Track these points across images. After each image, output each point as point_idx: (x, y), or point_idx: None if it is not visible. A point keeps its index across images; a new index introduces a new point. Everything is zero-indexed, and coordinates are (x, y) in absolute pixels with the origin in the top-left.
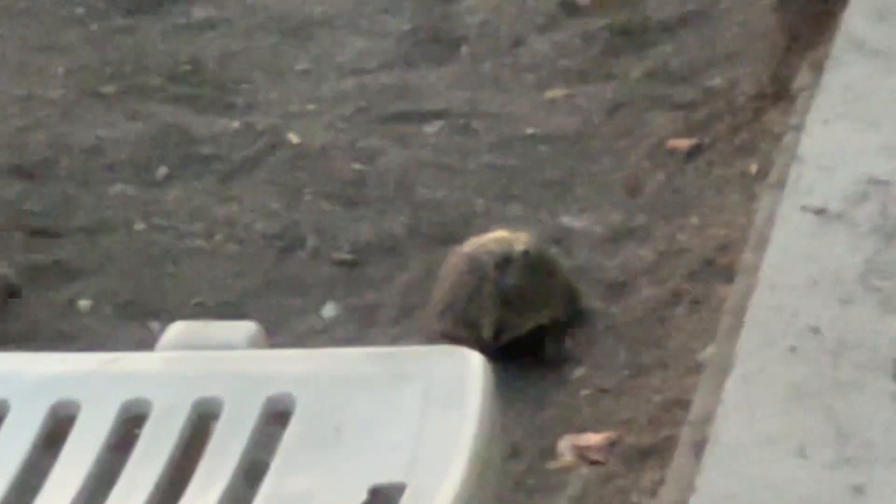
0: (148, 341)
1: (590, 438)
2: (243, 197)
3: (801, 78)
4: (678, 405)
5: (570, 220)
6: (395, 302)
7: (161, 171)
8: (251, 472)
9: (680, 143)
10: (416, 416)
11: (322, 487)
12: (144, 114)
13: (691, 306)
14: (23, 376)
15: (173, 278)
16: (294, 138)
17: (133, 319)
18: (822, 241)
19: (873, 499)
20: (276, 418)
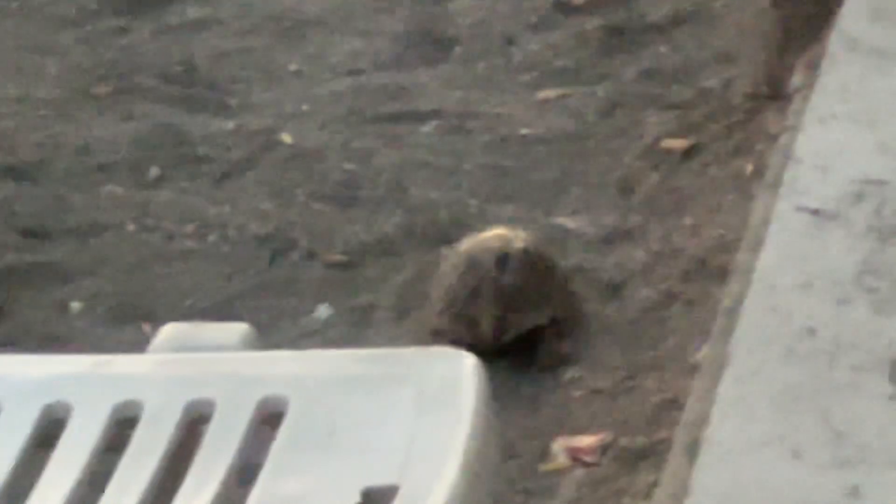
0: (140, 343)
1: (584, 440)
2: (236, 198)
3: (797, 78)
4: (673, 406)
5: (565, 221)
6: (388, 303)
7: (153, 171)
8: (243, 474)
9: (675, 144)
10: (409, 418)
11: (315, 489)
12: (137, 114)
13: (686, 307)
14: (14, 378)
15: (166, 280)
16: (287, 139)
17: (125, 321)
18: (818, 242)
19: (869, 501)
20: (268, 420)
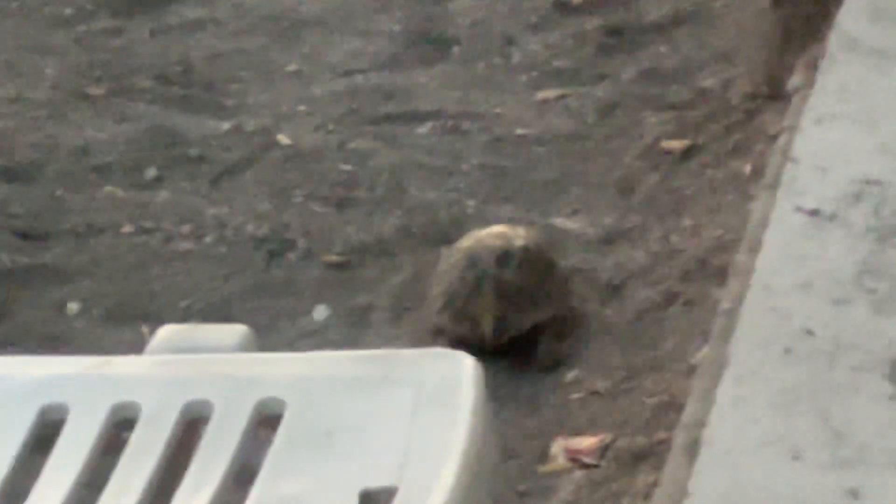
0: (137, 344)
1: (583, 441)
2: (233, 199)
3: (796, 78)
4: (672, 407)
5: (563, 222)
6: (386, 304)
7: (150, 172)
8: (241, 476)
9: (673, 144)
10: (407, 420)
11: (313, 491)
12: (133, 115)
13: (685, 308)
14: (11, 380)
15: (163, 281)
16: (284, 139)
17: (122, 322)
18: (817, 242)
19: (868, 501)
20: (266, 422)
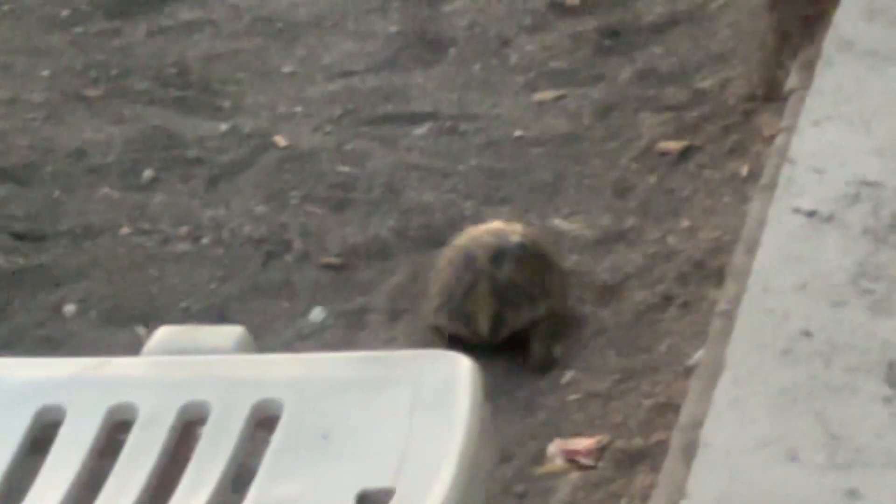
0: (134, 346)
1: (580, 443)
2: (230, 200)
3: (792, 79)
4: (669, 409)
5: (560, 223)
6: (383, 305)
7: (147, 174)
8: (238, 478)
9: (670, 145)
10: (404, 421)
11: (310, 493)
12: (130, 117)
13: (682, 309)
14: (7, 381)
15: (159, 282)
16: (281, 141)
17: (119, 324)
18: (814, 244)
19: (866, 502)
20: (263, 423)
